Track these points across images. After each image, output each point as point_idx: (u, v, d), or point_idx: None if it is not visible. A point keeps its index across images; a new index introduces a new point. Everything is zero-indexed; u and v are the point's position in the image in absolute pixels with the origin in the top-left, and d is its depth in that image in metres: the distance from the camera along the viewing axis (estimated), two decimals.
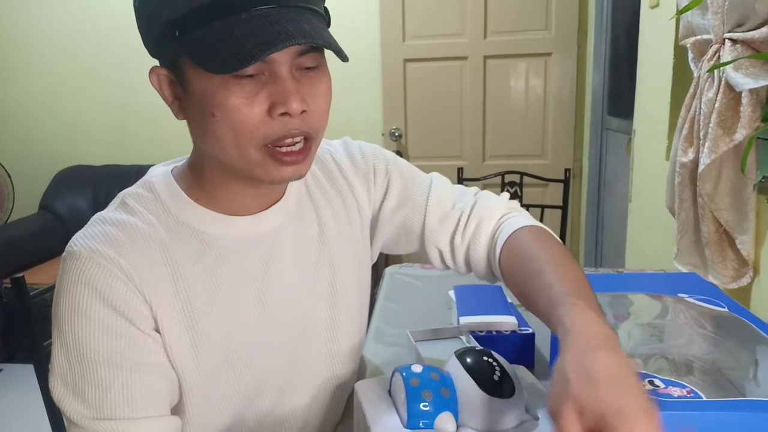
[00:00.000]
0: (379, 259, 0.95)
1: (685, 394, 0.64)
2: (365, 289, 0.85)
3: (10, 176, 3.26)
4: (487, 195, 0.86)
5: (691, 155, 1.31)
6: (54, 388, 0.63)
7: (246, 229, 0.71)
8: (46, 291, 1.16)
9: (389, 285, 1.35)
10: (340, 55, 0.61)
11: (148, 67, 0.64)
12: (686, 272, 1.37)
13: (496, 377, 0.62)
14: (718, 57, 1.21)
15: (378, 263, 0.93)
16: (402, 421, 0.61)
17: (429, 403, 0.60)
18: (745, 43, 1.14)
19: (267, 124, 0.60)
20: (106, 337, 0.61)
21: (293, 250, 0.75)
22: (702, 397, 0.63)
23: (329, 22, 0.66)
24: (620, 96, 2.44)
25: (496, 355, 0.66)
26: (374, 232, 0.86)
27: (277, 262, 0.73)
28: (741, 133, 1.14)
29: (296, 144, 0.63)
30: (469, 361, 0.64)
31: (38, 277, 2.64)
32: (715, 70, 1.21)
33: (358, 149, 0.85)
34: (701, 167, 1.23)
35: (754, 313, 0.87)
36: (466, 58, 2.97)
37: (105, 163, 3.32)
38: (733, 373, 0.69)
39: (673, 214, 1.43)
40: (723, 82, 1.17)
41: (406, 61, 3.01)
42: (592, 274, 1.20)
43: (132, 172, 2.82)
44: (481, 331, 0.90)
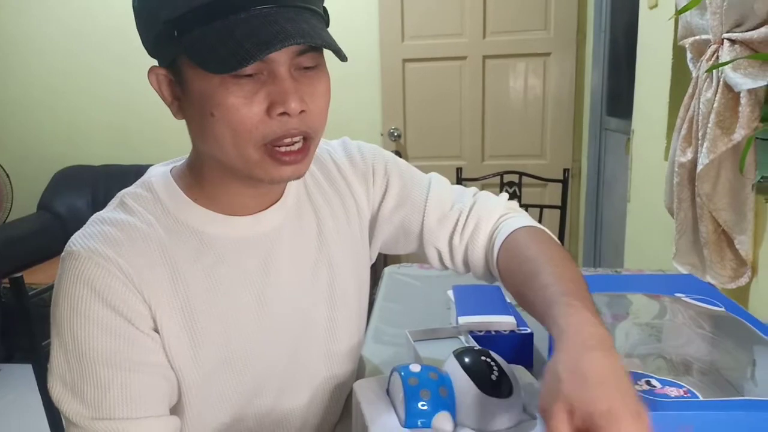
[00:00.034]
0: (378, 259, 0.95)
1: (683, 393, 0.64)
2: (364, 289, 0.85)
3: (8, 176, 3.26)
4: (485, 195, 0.87)
5: (689, 155, 1.31)
6: (53, 388, 0.63)
7: (245, 229, 0.71)
8: (44, 291, 1.15)
9: (388, 285, 1.36)
10: (339, 55, 0.61)
11: (148, 67, 0.65)
12: (684, 273, 1.37)
13: (494, 377, 0.62)
14: (717, 57, 1.21)
15: (377, 263, 0.93)
16: (400, 421, 0.61)
17: (427, 403, 0.60)
18: (744, 44, 1.14)
19: (266, 123, 0.61)
20: (105, 336, 0.61)
21: (292, 250, 0.75)
22: (699, 397, 0.63)
23: (328, 22, 0.66)
24: (619, 96, 2.44)
25: (494, 354, 0.66)
26: (373, 232, 0.86)
27: (276, 262, 0.73)
28: (739, 133, 1.14)
29: (295, 144, 0.63)
30: (467, 360, 0.64)
31: (37, 276, 2.64)
32: (714, 71, 1.21)
33: (357, 149, 0.85)
34: (700, 167, 1.23)
35: (752, 313, 0.87)
36: (465, 58, 2.97)
37: (104, 163, 3.32)
38: (730, 372, 0.69)
39: (672, 214, 1.43)
40: (722, 83, 1.17)
41: (405, 61, 3.01)
42: (591, 275, 1.20)
43: (131, 172, 2.82)
44: (480, 331, 0.90)
